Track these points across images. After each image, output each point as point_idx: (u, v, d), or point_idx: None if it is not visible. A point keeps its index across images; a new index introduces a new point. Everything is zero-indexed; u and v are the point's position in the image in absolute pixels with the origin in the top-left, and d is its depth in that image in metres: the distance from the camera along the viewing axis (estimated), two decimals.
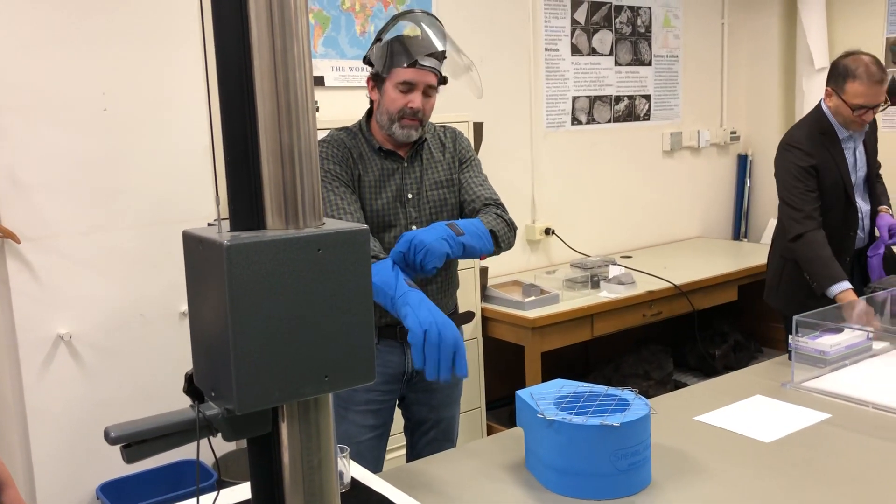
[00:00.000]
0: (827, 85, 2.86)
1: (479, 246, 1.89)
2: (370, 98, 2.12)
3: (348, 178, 2.05)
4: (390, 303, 1.72)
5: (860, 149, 2.96)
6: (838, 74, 2.82)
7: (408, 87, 2.01)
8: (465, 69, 2.08)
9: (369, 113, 2.15)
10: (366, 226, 0.89)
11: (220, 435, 0.90)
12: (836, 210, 2.89)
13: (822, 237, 2.77)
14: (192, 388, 0.94)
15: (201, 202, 2.82)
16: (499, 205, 2.13)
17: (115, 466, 2.70)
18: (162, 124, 2.73)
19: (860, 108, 2.76)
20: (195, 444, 0.88)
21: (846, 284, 2.67)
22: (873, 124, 3.04)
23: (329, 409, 0.93)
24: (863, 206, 2.99)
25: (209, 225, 0.92)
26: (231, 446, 3.02)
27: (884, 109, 2.82)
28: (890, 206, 3.10)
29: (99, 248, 2.65)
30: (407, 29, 2.05)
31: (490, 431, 3.55)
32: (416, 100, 2.01)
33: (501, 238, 2.01)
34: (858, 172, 2.96)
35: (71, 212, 2.59)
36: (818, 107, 2.94)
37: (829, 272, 2.71)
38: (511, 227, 2.07)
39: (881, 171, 3.15)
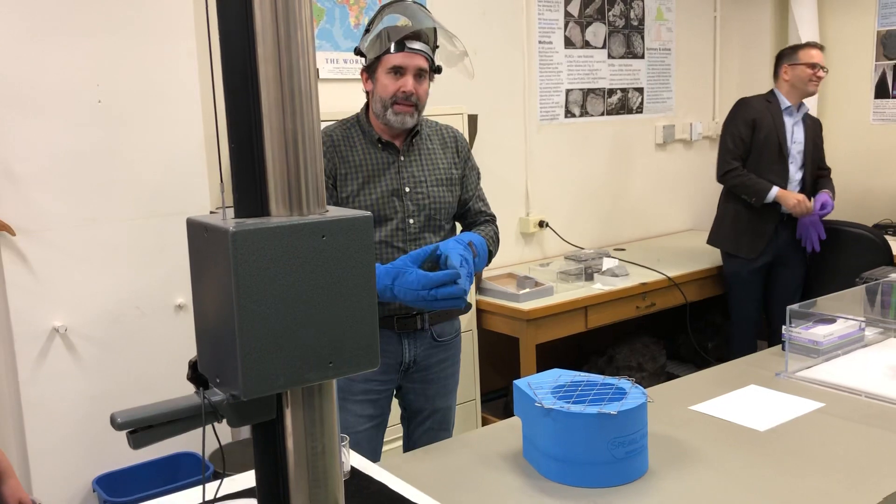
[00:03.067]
0: (781, 66, 3.64)
1: (479, 266, 2.09)
2: (365, 90, 2.13)
3: (328, 170, 2.08)
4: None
5: (798, 124, 3.65)
6: (786, 54, 3.65)
7: (398, 71, 2.02)
8: (460, 57, 2.09)
9: (367, 105, 2.16)
10: (369, 214, 0.90)
11: (224, 421, 0.90)
12: (768, 160, 3.58)
13: (745, 171, 3.58)
14: (195, 375, 0.95)
15: (196, 194, 2.81)
16: (494, 219, 2.33)
17: (111, 459, 2.70)
18: (157, 116, 2.72)
19: (814, 65, 3.53)
20: (194, 435, 0.88)
21: (776, 188, 3.54)
22: (817, 126, 3.72)
23: (333, 396, 0.93)
24: (794, 172, 3.63)
25: (212, 212, 0.93)
26: (227, 439, 3.02)
27: (824, 72, 3.58)
28: (833, 196, 3.67)
29: (94, 241, 2.65)
30: (394, 18, 2.06)
31: (485, 423, 3.57)
32: (407, 83, 2.03)
33: (493, 257, 2.24)
34: (794, 143, 3.64)
35: (66, 204, 2.59)
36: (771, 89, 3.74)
37: (760, 186, 3.55)
38: (498, 241, 2.29)
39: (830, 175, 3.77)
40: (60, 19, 2.52)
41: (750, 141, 3.60)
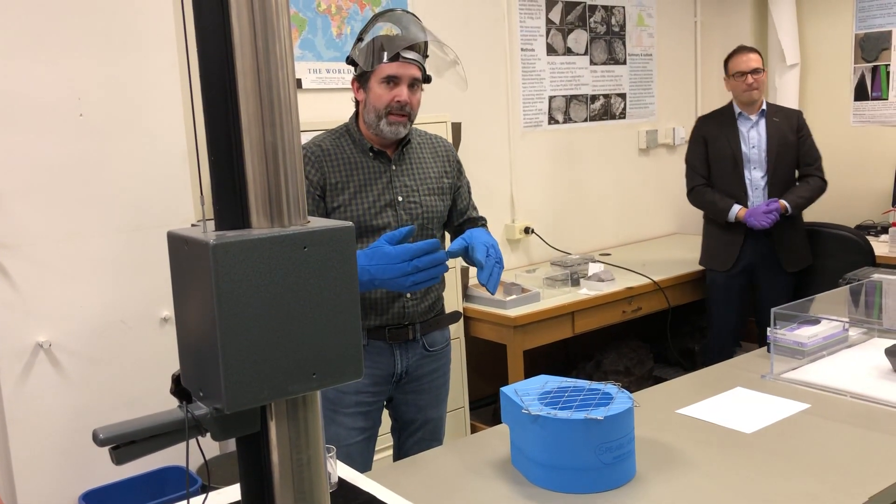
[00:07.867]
0: (725, 77, 3.67)
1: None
2: (356, 99, 2.11)
3: (316, 181, 2.06)
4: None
5: (756, 127, 3.61)
6: (725, 65, 3.64)
7: (392, 81, 2.01)
8: (450, 64, 2.09)
9: (356, 114, 2.15)
10: (351, 224, 0.90)
11: (209, 435, 0.90)
12: (723, 172, 3.63)
13: (709, 189, 3.65)
14: (179, 388, 0.94)
15: (179, 207, 2.80)
16: (486, 223, 2.34)
17: (98, 474, 2.67)
18: (138, 129, 2.71)
19: (741, 73, 3.53)
20: (181, 449, 0.87)
21: (738, 206, 3.57)
22: (793, 120, 3.62)
23: (317, 407, 0.93)
24: (756, 178, 3.61)
25: (193, 225, 0.92)
26: (214, 452, 3.00)
27: (758, 75, 3.54)
28: (801, 202, 3.55)
29: (77, 255, 2.63)
30: (386, 27, 2.06)
31: (474, 431, 3.56)
32: (402, 93, 2.02)
33: None
34: (752, 147, 3.62)
35: (48, 218, 2.57)
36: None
37: (722, 206, 3.60)
38: None
39: (815, 175, 3.62)
40: (40, 33, 2.51)
41: (706, 157, 3.67)
